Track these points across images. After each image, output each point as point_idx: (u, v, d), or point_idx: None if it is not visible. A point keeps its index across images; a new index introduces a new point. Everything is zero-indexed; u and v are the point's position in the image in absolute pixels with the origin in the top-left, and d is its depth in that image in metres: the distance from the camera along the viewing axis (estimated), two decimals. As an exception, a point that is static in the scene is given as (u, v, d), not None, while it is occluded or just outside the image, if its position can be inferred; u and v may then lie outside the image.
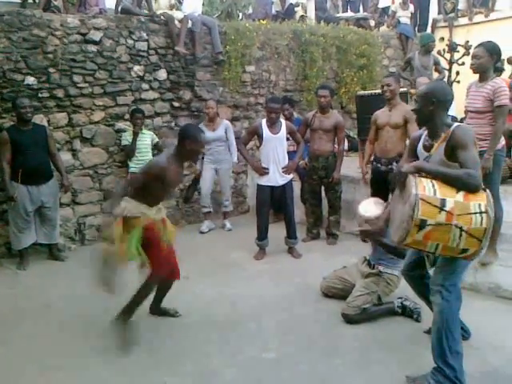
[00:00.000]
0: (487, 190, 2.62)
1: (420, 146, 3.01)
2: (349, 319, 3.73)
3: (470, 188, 2.59)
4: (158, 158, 3.66)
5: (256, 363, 3.26)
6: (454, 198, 2.56)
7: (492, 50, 4.00)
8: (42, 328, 3.85)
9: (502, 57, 7.19)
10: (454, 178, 2.63)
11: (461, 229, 2.53)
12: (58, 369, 3.25)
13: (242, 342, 3.52)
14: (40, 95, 5.65)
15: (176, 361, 3.31)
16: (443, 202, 2.55)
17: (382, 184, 4.98)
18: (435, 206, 2.55)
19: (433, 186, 2.61)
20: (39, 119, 5.59)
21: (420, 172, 2.72)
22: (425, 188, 2.59)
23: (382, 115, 5.07)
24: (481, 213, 2.52)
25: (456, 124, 2.83)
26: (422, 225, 2.55)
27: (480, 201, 2.55)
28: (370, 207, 3.68)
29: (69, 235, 5.97)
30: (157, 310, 3.95)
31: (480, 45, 4.10)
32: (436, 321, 2.88)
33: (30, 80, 5.57)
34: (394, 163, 4.88)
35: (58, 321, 3.97)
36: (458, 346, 2.83)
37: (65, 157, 5.79)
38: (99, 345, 3.53)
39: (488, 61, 4.00)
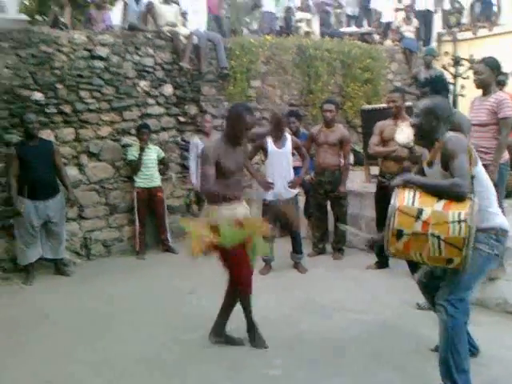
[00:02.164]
0: (474, 199, 2.59)
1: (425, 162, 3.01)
2: None
3: (455, 197, 2.60)
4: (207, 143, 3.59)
5: (259, 379, 3.22)
6: (431, 208, 2.59)
7: (493, 65, 4.14)
8: (43, 340, 3.84)
9: (507, 70, 7.28)
10: (440, 189, 2.68)
11: (438, 238, 2.55)
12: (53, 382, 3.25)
13: (246, 358, 3.49)
14: (47, 111, 5.72)
15: (179, 377, 3.28)
16: (420, 211, 2.60)
17: (387, 199, 4.95)
18: (411, 216, 2.61)
19: (413, 196, 2.67)
20: (46, 134, 5.64)
21: (409, 185, 2.76)
22: (404, 199, 2.67)
23: (388, 128, 5.05)
24: (459, 221, 2.51)
25: (449, 135, 2.82)
26: (398, 234, 2.63)
27: (461, 209, 2.54)
28: (406, 132, 3.84)
29: (75, 250, 5.99)
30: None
31: (481, 61, 4.24)
32: (441, 338, 2.84)
33: (38, 96, 5.64)
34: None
35: (60, 334, 3.97)
36: (465, 364, 2.78)
37: (71, 172, 5.83)
38: (99, 359, 3.51)
39: (489, 75, 4.13)
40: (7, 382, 3.24)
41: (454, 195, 2.61)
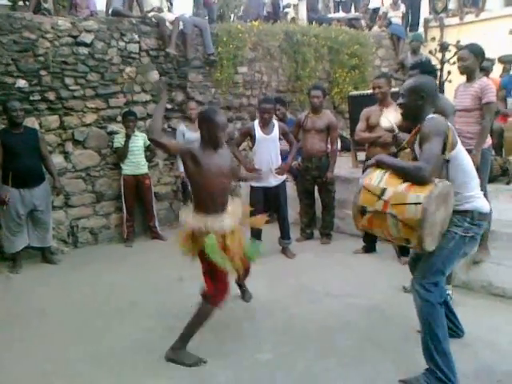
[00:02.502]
0: (439, 184, 2.60)
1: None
2: None
3: (416, 181, 2.62)
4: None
5: (251, 364, 3.25)
6: (394, 188, 2.65)
7: (476, 52, 4.16)
8: (35, 332, 3.83)
9: (493, 56, 7.32)
10: (402, 170, 2.70)
11: (395, 217, 2.62)
12: (51, 374, 3.23)
13: (236, 344, 3.52)
14: (31, 98, 5.64)
15: (171, 365, 3.29)
16: (383, 191, 2.68)
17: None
18: (375, 195, 2.70)
19: (382, 176, 2.74)
20: (31, 122, 5.57)
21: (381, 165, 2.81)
22: (371, 178, 2.76)
23: (374, 115, 5.07)
24: (416, 204, 2.55)
25: (428, 116, 2.81)
26: (363, 211, 2.75)
27: (420, 192, 2.57)
28: (391, 116, 3.92)
29: (62, 238, 5.95)
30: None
31: (465, 47, 4.28)
32: (420, 321, 2.88)
33: (21, 83, 5.55)
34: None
35: (51, 325, 3.95)
36: (445, 346, 2.79)
37: (57, 159, 5.77)
38: (92, 349, 3.51)
39: (473, 62, 4.16)
40: (5, 378, 3.21)
41: (415, 179, 2.63)
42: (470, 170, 2.88)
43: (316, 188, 5.82)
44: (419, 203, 2.54)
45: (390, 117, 3.98)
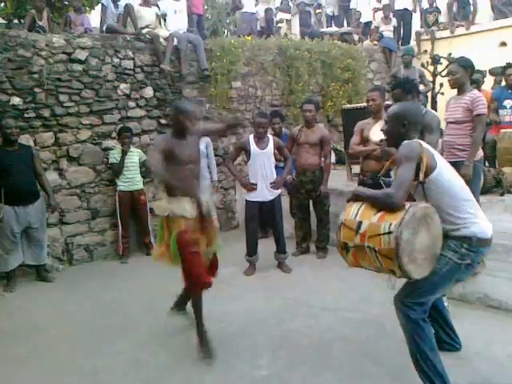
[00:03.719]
0: (409, 209, 2.53)
1: None
2: None
3: (387, 208, 2.59)
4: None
5: (247, 381, 3.23)
6: (369, 220, 2.60)
7: (466, 65, 4.22)
8: (30, 349, 3.80)
9: (484, 68, 7.40)
10: (375, 200, 2.67)
11: (374, 250, 2.55)
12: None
13: (232, 360, 3.49)
14: (26, 115, 5.65)
15: (166, 379, 3.28)
16: (359, 224, 2.62)
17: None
18: (352, 229, 2.64)
19: (358, 209, 2.69)
20: (25, 139, 5.58)
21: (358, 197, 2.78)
22: (349, 213, 2.72)
23: (368, 128, 5.09)
24: (389, 233, 2.49)
25: (404, 142, 2.77)
26: (346, 247, 2.70)
27: (392, 220, 2.52)
28: (377, 131, 3.94)
29: (56, 255, 5.92)
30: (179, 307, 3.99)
31: (454, 61, 4.36)
32: (405, 337, 2.85)
33: (16, 100, 5.58)
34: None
35: (46, 342, 3.92)
36: (434, 360, 2.75)
37: (51, 176, 5.77)
38: (87, 366, 3.49)
39: (463, 75, 4.22)
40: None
41: (386, 206, 2.60)
42: (458, 193, 2.75)
43: (311, 202, 5.83)
44: (390, 232, 2.48)
45: (379, 131, 4.01)
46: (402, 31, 10.71)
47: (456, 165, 3.78)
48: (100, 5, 7.38)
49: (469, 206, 2.76)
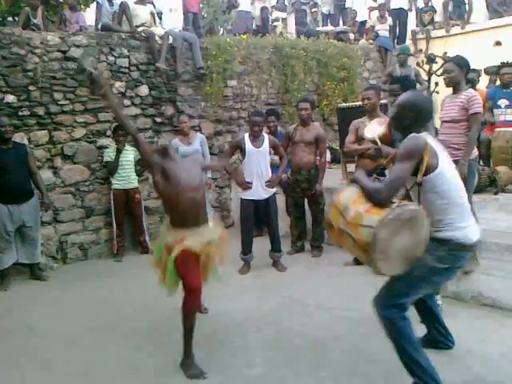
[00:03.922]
0: (396, 209, 2.53)
1: None
2: None
3: (374, 202, 2.62)
4: None
5: (242, 379, 3.23)
6: (356, 208, 2.63)
7: (461, 64, 4.21)
8: (25, 349, 3.78)
9: (479, 67, 7.40)
10: (366, 192, 2.68)
11: (351, 237, 2.62)
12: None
13: (227, 358, 3.49)
14: (20, 113, 5.63)
15: (162, 378, 3.27)
16: (347, 210, 2.66)
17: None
18: (339, 213, 2.69)
19: (352, 194, 2.73)
20: (20, 137, 5.55)
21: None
22: (344, 194, 2.76)
23: (363, 126, 5.09)
24: (370, 227, 2.51)
25: (409, 136, 2.75)
26: (330, 226, 2.79)
27: (376, 215, 2.54)
28: (374, 128, 3.90)
29: (51, 254, 5.90)
30: None
31: (450, 60, 4.35)
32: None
33: (10, 98, 5.55)
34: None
35: (41, 342, 3.90)
36: (417, 357, 2.74)
37: (46, 175, 5.75)
38: (80, 366, 3.47)
39: (459, 74, 4.21)
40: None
41: (373, 200, 2.62)
42: (453, 196, 2.70)
43: (306, 200, 5.83)
44: (370, 226, 2.51)
45: (373, 129, 4.01)
46: (397, 30, 10.72)
47: (451, 164, 3.79)
48: (95, 3, 7.36)
49: (457, 211, 2.72)
